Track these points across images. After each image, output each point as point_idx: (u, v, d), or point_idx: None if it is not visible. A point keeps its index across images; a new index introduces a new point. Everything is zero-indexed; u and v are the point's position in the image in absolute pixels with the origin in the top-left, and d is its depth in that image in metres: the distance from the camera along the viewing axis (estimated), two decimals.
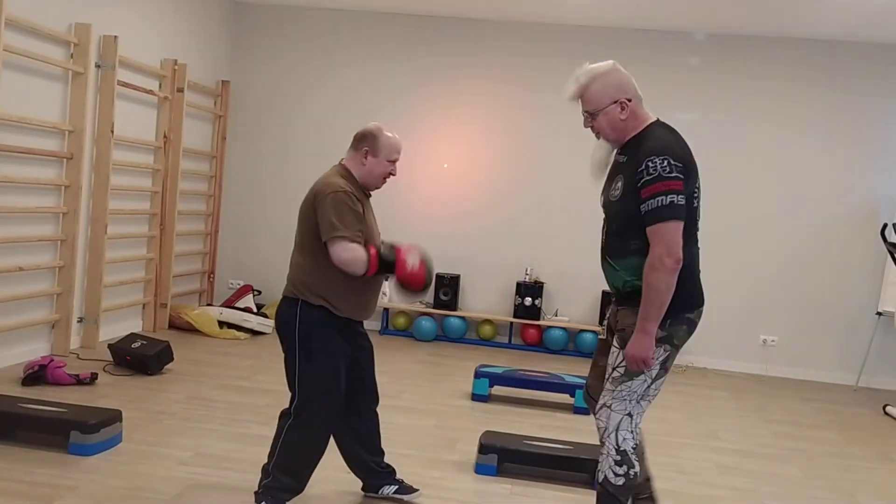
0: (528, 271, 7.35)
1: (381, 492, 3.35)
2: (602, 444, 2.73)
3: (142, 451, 3.71)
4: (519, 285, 7.29)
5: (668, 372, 2.74)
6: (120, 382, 4.92)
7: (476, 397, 5.25)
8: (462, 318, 7.42)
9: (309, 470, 3.14)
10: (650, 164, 2.57)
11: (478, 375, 5.27)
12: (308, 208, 3.01)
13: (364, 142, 3.12)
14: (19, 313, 5.12)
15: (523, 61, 7.39)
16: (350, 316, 3.07)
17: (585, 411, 4.52)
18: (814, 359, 7.13)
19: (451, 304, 7.36)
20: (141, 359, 5.10)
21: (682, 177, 2.58)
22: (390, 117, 7.37)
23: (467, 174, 7.52)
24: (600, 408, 2.75)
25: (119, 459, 3.58)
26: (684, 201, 2.57)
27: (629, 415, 2.70)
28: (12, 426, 3.67)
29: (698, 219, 2.74)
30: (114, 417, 3.76)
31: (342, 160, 3.16)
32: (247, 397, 4.82)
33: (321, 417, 3.07)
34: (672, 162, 2.57)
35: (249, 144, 7.72)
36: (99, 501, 3.13)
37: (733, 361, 7.18)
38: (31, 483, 3.23)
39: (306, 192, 3.09)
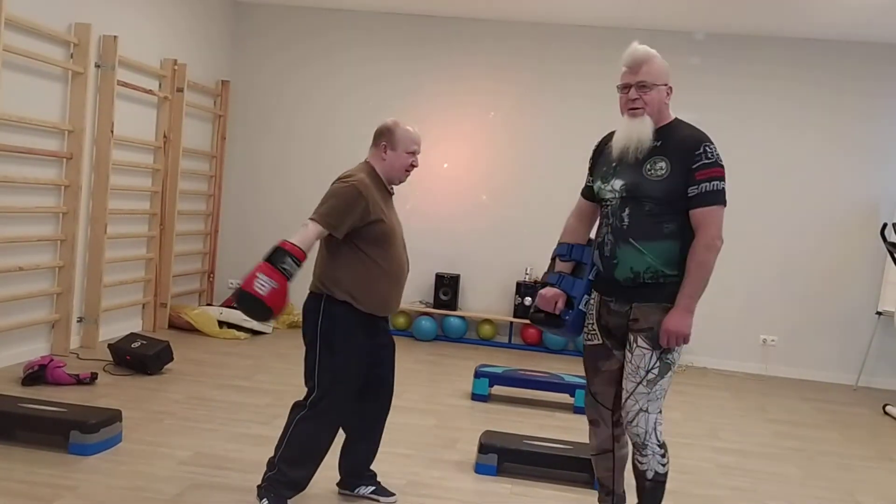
0: (528, 271, 7.35)
1: (356, 491, 3.35)
2: (644, 446, 2.80)
3: (142, 451, 3.71)
4: (519, 285, 7.29)
5: None
6: (120, 382, 4.91)
7: (476, 397, 5.25)
8: (462, 317, 7.42)
9: (314, 465, 3.14)
10: (708, 150, 2.70)
11: (478, 375, 5.27)
12: None
13: (382, 137, 3.18)
14: (19, 313, 5.12)
15: (523, 61, 7.39)
16: (373, 311, 3.08)
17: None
18: (814, 358, 7.13)
19: (451, 303, 7.36)
20: (141, 359, 5.10)
21: (721, 161, 2.74)
22: (392, 116, 7.37)
23: (467, 173, 7.52)
24: (637, 413, 2.78)
25: (119, 459, 3.58)
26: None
27: (660, 411, 2.82)
28: (12, 426, 3.66)
29: None
30: (114, 417, 3.76)
31: (367, 158, 3.21)
32: (247, 397, 4.82)
33: (336, 412, 3.09)
34: (717, 149, 2.73)
35: (249, 144, 7.72)
36: (99, 501, 3.13)
37: (733, 361, 7.18)
38: (31, 483, 3.23)
39: (307, 191, 3.10)
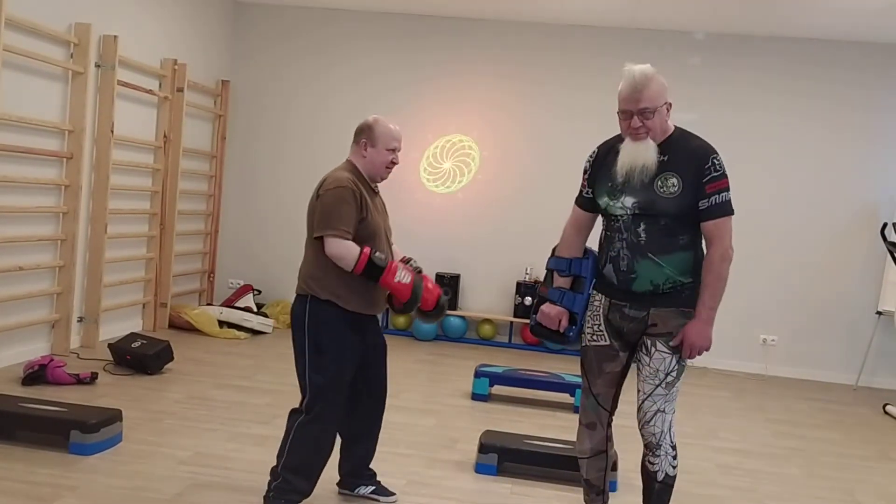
0: (528, 271, 7.35)
1: (356, 490, 3.35)
2: (658, 446, 2.82)
3: (142, 451, 3.71)
4: (519, 285, 7.29)
5: None
6: (120, 382, 4.92)
7: (476, 397, 5.25)
8: (462, 317, 7.42)
9: (319, 469, 3.14)
10: (716, 162, 2.75)
11: (478, 375, 5.28)
12: (314, 204, 3.04)
13: (362, 134, 3.17)
14: (19, 313, 5.12)
15: (523, 61, 7.39)
16: (360, 310, 3.07)
17: None
18: (814, 358, 7.13)
19: (451, 303, 7.36)
20: (141, 358, 5.10)
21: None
22: (391, 116, 7.35)
23: (467, 174, 7.51)
24: (655, 414, 2.81)
25: (119, 459, 3.58)
26: None
27: (674, 412, 2.86)
28: (12, 426, 3.66)
29: None
30: (114, 417, 3.76)
31: (348, 157, 3.19)
32: (247, 397, 4.82)
33: (331, 413, 3.07)
34: (721, 158, 2.78)
35: (249, 144, 7.72)
36: (99, 501, 3.13)
37: (733, 361, 7.18)
38: (31, 483, 3.23)
39: (307, 191, 3.10)
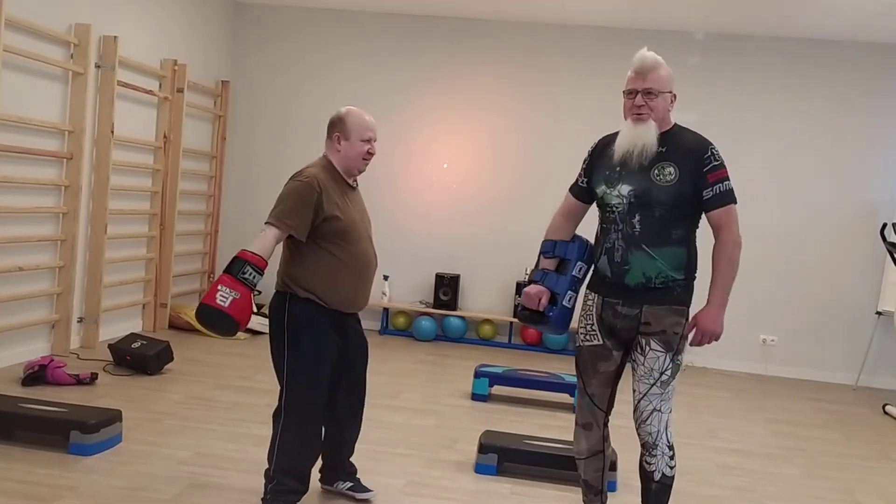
0: (528, 271, 7.31)
1: (335, 486, 3.35)
2: (654, 446, 2.82)
3: (142, 451, 3.71)
4: (519, 285, 7.28)
5: None
6: (120, 382, 4.92)
7: (476, 397, 5.25)
8: (462, 317, 7.42)
9: (309, 466, 3.14)
10: (714, 152, 2.81)
11: (478, 375, 5.27)
12: None
13: (334, 128, 3.12)
14: (19, 313, 5.12)
15: (524, 61, 7.39)
16: (339, 308, 3.05)
17: None
18: (814, 358, 7.13)
19: (451, 303, 7.36)
20: (141, 359, 5.10)
21: None
22: (392, 117, 7.38)
23: (467, 174, 7.52)
24: (651, 413, 2.80)
25: (119, 459, 3.58)
26: None
27: (670, 411, 2.85)
28: (12, 426, 3.67)
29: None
30: (114, 417, 3.76)
31: (324, 152, 3.17)
32: (247, 397, 4.82)
33: (311, 410, 3.06)
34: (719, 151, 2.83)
35: (249, 144, 7.72)
36: (99, 501, 3.13)
37: (733, 361, 7.18)
38: (31, 483, 3.23)
39: None
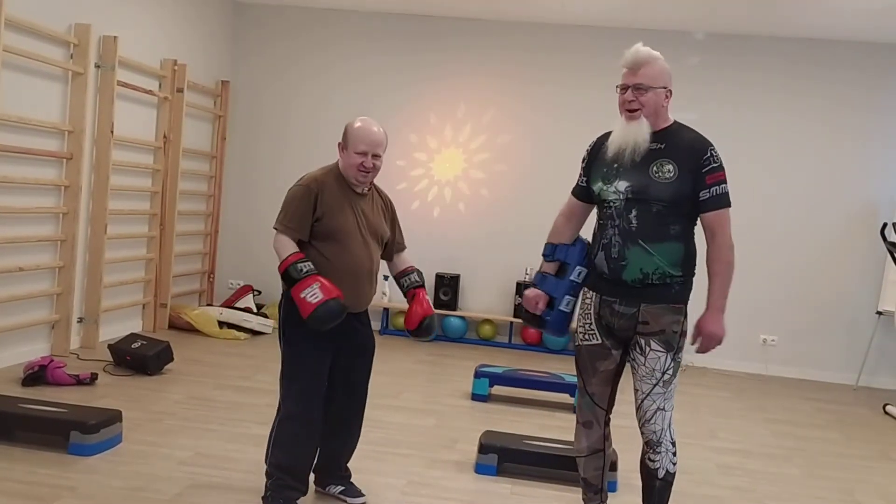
0: (528, 271, 7.34)
1: (327, 489, 3.35)
2: (658, 443, 2.82)
3: (142, 451, 3.71)
4: (519, 285, 7.28)
5: None
6: (120, 382, 4.91)
7: (476, 397, 5.25)
8: (462, 317, 7.42)
9: (305, 465, 3.15)
10: (714, 154, 2.78)
11: (478, 375, 5.27)
12: None
13: (342, 136, 3.15)
14: (19, 313, 5.12)
15: (523, 62, 7.39)
16: None
17: None
18: (814, 358, 7.13)
19: (451, 304, 7.36)
20: (141, 359, 5.10)
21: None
22: (390, 118, 7.37)
23: (467, 174, 7.52)
24: (655, 412, 2.81)
25: (119, 459, 3.58)
26: None
27: (673, 408, 2.86)
28: (12, 426, 3.66)
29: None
30: (114, 417, 3.76)
31: None
32: (247, 397, 4.82)
33: (305, 406, 3.07)
34: (718, 152, 2.80)
35: (249, 144, 7.72)
36: (99, 501, 3.13)
37: (733, 361, 7.18)
38: (31, 483, 3.23)
39: None
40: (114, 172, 5.80)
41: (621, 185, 2.80)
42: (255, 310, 7.16)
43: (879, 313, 6.88)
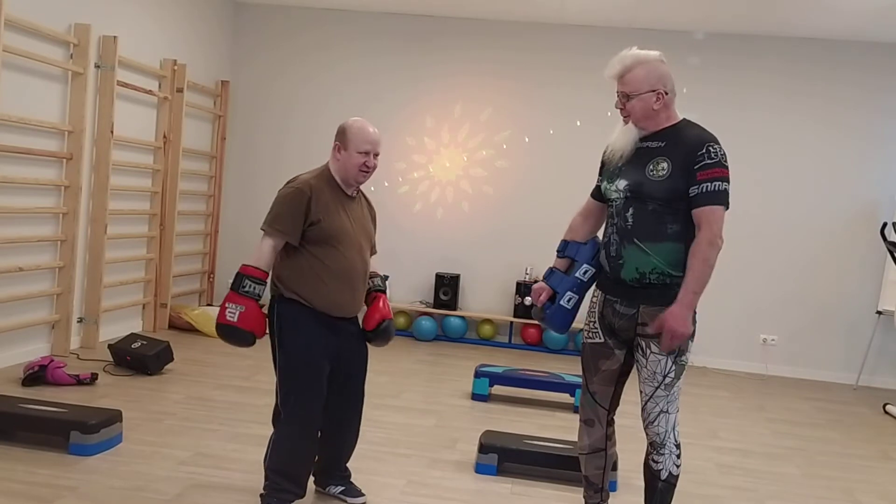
0: (528, 271, 7.35)
1: (327, 489, 3.34)
2: (662, 445, 2.82)
3: (142, 451, 3.71)
4: (519, 285, 7.29)
5: None
6: (120, 382, 4.92)
7: (476, 397, 5.25)
8: (462, 317, 7.42)
9: (303, 469, 3.14)
10: (711, 150, 2.67)
11: (478, 375, 5.27)
12: None
13: (337, 137, 3.13)
14: (19, 313, 5.12)
15: (523, 61, 7.39)
16: (325, 310, 3.05)
17: None
18: (814, 358, 7.14)
19: (451, 303, 7.36)
20: (141, 359, 5.10)
21: (727, 163, 2.71)
22: (390, 118, 7.38)
23: (467, 174, 7.52)
24: (658, 414, 2.80)
25: (119, 459, 3.58)
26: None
27: (677, 410, 2.84)
28: (12, 426, 3.67)
29: None
30: (114, 417, 3.76)
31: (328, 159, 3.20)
32: (247, 397, 4.82)
33: (303, 412, 3.05)
34: (723, 150, 2.71)
35: (249, 144, 7.72)
36: (99, 501, 3.13)
37: (733, 360, 7.18)
38: (31, 483, 3.23)
39: None
40: (114, 172, 5.80)
41: (621, 183, 2.81)
42: None
43: (879, 313, 6.88)
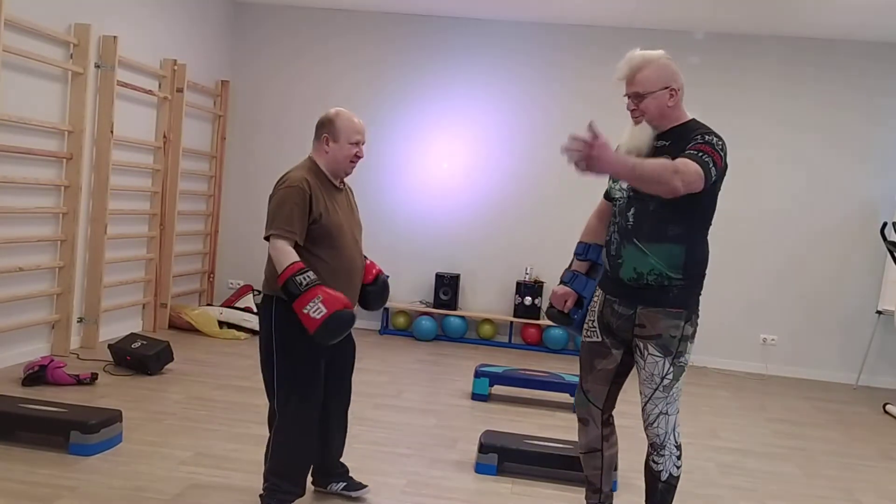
0: (528, 271, 7.35)
1: (328, 487, 3.34)
2: (662, 446, 2.81)
3: (142, 451, 3.71)
4: (519, 285, 7.29)
5: None
6: (120, 382, 4.92)
7: (476, 397, 5.25)
8: (462, 317, 7.41)
9: (303, 470, 3.14)
10: (707, 136, 2.64)
11: (478, 375, 5.27)
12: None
13: (323, 129, 3.09)
14: (19, 313, 5.12)
15: (523, 61, 7.39)
16: None
17: None
18: (814, 357, 7.14)
19: (451, 303, 7.36)
20: (141, 359, 5.10)
21: (724, 158, 2.66)
22: (391, 117, 7.39)
23: (467, 173, 7.52)
24: (658, 416, 2.79)
25: (119, 459, 3.58)
26: (715, 177, 2.60)
27: (677, 412, 2.83)
28: (12, 426, 3.66)
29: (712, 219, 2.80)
30: (114, 417, 3.76)
31: (310, 153, 3.15)
32: (247, 397, 4.82)
33: (304, 413, 3.05)
34: (724, 147, 2.66)
35: (249, 144, 7.72)
36: (99, 501, 3.13)
37: (733, 360, 7.18)
38: (31, 483, 3.23)
39: None
40: (114, 172, 5.80)
41: (625, 182, 2.79)
42: (255, 310, 7.16)
43: (879, 312, 6.88)
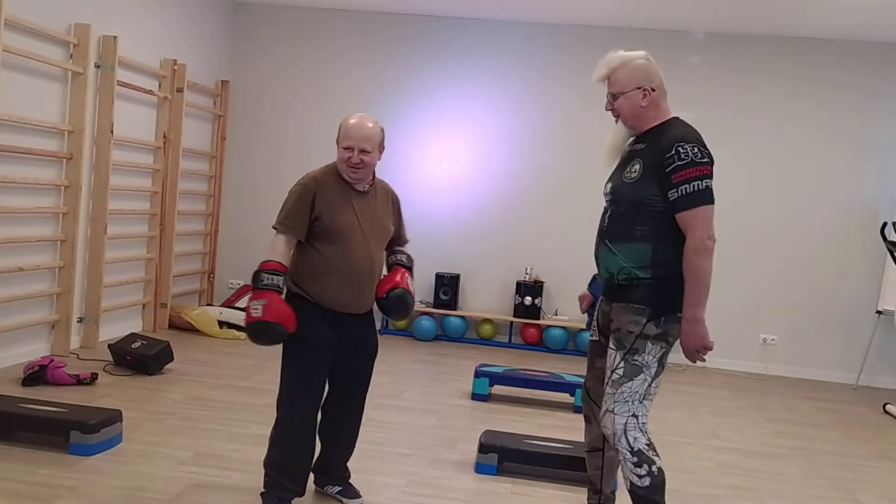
0: (528, 271, 7.35)
1: (325, 489, 3.35)
2: (616, 449, 2.71)
3: (142, 451, 3.71)
4: (519, 285, 7.29)
5: (665, 369, 2.76)
6: (120, 382, 4.92)
7: (476, 397, 5.25)
8: (462, 317, 7.42)
9: (301, 467, 3.14)
10: (681, 150, 2.58)
11: (478, 375, 5.27)
12: None
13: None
14: (19, 313, 5.12)
15: (523, 61, 7.39)
16: (331, 307, 3.05)
17: None
18: (814, 357, 7.14)
19: (451, 303, 7.36)
20: (141, 359, 5.10)
21: (711, 163, 2.62)
22: (392, 117, 7.37)
23: (467, 173, 7.52)
24: (604, 413, 2.71)
25: (119, 459, 3.58)
26: (713, 187, 2.60)
27: (634, 416, 2.68)
28: (12, 426, 3.66)
29: None
30: (114, 417, 3.76)
31: None
32: (247, 397, 4.82)
33: (302, 411, 3.05)
34: (702, 149, 2.61)
35: (249, 144, 7.72)
36: (99, 501, 3.13)
37: (733, 360, 7.18)
38: (31, 483, 3.23)
39: None
40: (114, 172, 5.80)
41: (608, 186, 2.86)
42: None
43: (879, 312, 6.88)
